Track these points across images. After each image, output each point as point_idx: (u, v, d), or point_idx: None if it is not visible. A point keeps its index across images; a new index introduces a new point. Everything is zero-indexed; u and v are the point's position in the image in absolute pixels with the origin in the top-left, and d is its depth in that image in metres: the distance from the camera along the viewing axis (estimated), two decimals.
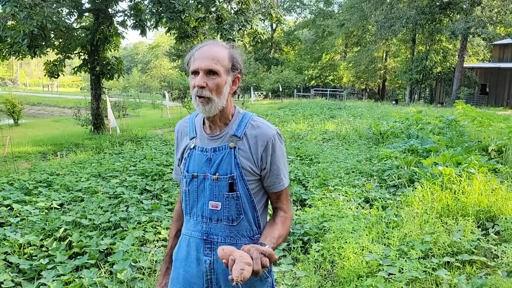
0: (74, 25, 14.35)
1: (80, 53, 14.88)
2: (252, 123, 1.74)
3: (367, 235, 4.30)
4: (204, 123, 1.77)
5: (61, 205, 5.77)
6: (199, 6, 13.23)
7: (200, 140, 1.75)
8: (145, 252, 4.08)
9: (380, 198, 5.80)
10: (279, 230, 1.70)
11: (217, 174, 1.68)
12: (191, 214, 1.76)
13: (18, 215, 5.12)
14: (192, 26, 13.92)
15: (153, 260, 3.87)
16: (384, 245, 4.20)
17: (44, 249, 4.14)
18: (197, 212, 1.73)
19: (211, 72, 1.61)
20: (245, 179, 1.69)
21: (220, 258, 1.42)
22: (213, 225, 1.70)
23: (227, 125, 1.73)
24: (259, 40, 15.50)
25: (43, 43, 11.80)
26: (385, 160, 8.12)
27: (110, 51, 15.28)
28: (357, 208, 5.38)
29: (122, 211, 5.35)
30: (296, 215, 5.13)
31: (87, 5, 13.96)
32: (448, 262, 3.88)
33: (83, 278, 3.53)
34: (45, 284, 3.50)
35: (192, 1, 12.69)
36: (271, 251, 1.46)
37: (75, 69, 15.29)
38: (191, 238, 1.75)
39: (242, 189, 1.69)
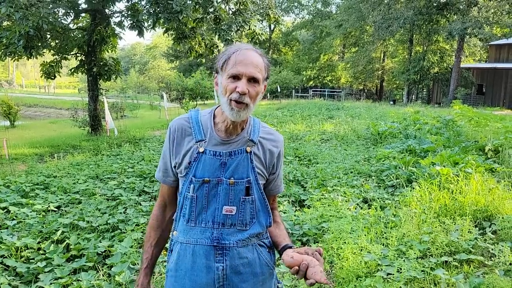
0: (71, 25, 14.32)
1: (77, 54, 14.85)
2: (264, 129, 1.78)
3: (365, 235, 4.30)
4: (215, 126, 1.72)
5: (58, 207, 5.75)
6: (197, 6, 13.23)
7: (211, 143, 1.69)
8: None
9: (378, 198, 5.81)
10: (286, 229, 1.86)
11: (232, 178, 1.66)
12: (197, 221, 1.69)
13: (15, 217, 5.10)
14: (189, 26, 13.90)
15: None
16: (383, 245, 4.21)
17: (41, 252, 4.12)
18: (206, 218, 1.68)
19: (253, 80, 1.60)
20: (259, 183, 1.72)
21: (288, 265, 1.51)
22: (226, 230, 1.68)
23: (243, 129, 1.72)
24: (257, 41, 15.49)
25: (39, 44, 11.77)
26: (383, 161, 8.13)
27: (107, 52, 15.26)
28: (355, 209, 5.38)
29: (120, 213, 5.34)
30: (294, 215, 5.14)
31: (84, 6, 13.93)
32: (446, 261, 3.89)
33: (81, 281, 3.52)
34: (42, 287, 3.48)
35: (190, 2, 12.68)
36: (318, 249, 1.58)
37: (72, 70, 15.26)
38: (197, 246, 1.68)
39: (257, 193, 1.72)
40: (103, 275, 3.68)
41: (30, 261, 3.94)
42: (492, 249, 4.10)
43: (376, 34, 35.09)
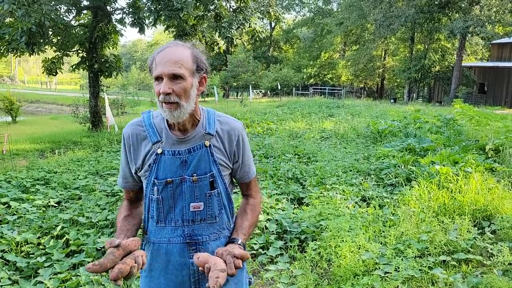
0: (73, 22, 14.34)
1: (79, 51, 14.88)
2: (219, 119, 1.75)
3: (363, 233, 4.31)
4: (170, 126, 1.69)
5: (58, 203, 5.77)
6: (198, 4, 13.24)
7: (169, 143, 1.67)
8: (142, 250, 4.08)
9: (377, 197, 5.81)
10: (249, 220, 1.77)
11: (195, 175, 1.65)
12: (166, 221, 1.68)
13: (15, 213, 5.13)
14: (190, 24, 13.92)
15: None
16: (381, 243, 4.22)
17: (41, 247, 4.14)
18: (175, 217, 1.68)
19: (175, 77, 1.55)
20: (222, 174, 1.72)
21: (197, 265, 1.48)
22: (196, 226, 1.68)
23: (196, 125, 1.70)
24: (257, 39, 15.53)
25: (41, 41, 11.78)
26: (382, 159, 8.13)
27: (109, 48, 15.29)
28: (354, 207, 5.39)
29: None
30: (293, 213, 5.15)
31: (86, 3, 13.96)
32: (444, 260, 3.89)
33: (80, 276, 3.54)
34: (42, 282, 3.50)
35: None
36: (243, 253, 1.51)
37: (74, 66, 15.29)
38: (169, 245, 1.68)
39: (221, 185, 1.72)
40: None
41: (30, 256, 3.97)
42: (491, 249, 4.10)
43: (377, 32, 35.04)
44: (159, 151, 1.65)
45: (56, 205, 5.64)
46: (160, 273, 1.71)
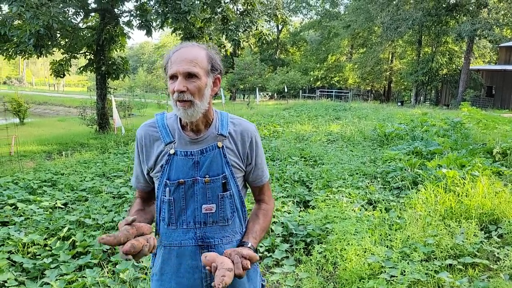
0: (80, 25, 14.43)
1: (86, 53, 14.98)
2: (232, 120, 1.75)
3: (369, 237, 4.30)
4: (183, 127, 1.69)
5: (65, 204, 5.80)
6: (205, 7, 13.28)
7: (181, 144, 1.67)
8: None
9: (383, 200, 5.79)
10: (260, 224, 1.75)
11: (207, 176, 1.65)
12: (177, 223, 1.67)
13: (22, 214, 5.16)
14: (197, 26, 13.96)
15: None
16: (387, 247, 4.20)
17: (47, 248, 4.16)
18: (187, 219, 1.67)
19: (190, 75, 1.56)
20: (235, 176, 1.71)
21: (204, 265, 1.47)
22: (208, 228, 1.67)
23: (209, 125, 1.70)
24: (264, 41, 15.53)
25: (49, 43, 11.87)
26: (389, 162, 8.11)
27: (116, 51, 15.36)
28: (360, 210, 5.38)
29: (126, 211, 5.37)
30: (299, 216, 5.14)
31: (93, 5, 14.04)
32: (451, 264, 3.87)
33: (86, 277, 3.55)
34: (48, 283, 3.52)
35: (198, 2, 12.73)
36: (251, 254, 1.51)
37: (81, 68, 15.38)
38: (181, 248, 1.67)
39: (234, 187, 1.71)
40: (107, 272, 3.71)
41: (37, 257, 3.99)
42: (497, 253, 4.07)
43: (384, 35, 34.96)
44: (172, 151, 1.65)
45: (62, 206, 5.67)
46: (172, 276, 1.70)
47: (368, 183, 6.78)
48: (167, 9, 12.27)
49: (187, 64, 1.56)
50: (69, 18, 12.75)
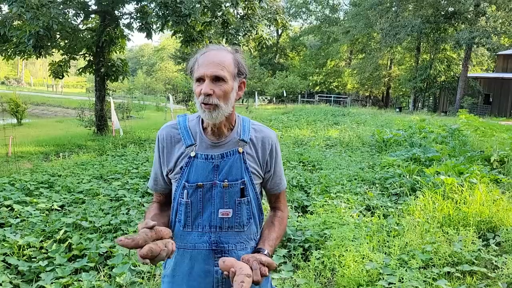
0: (80, 26, 14.42)
1: (85, 54, 14.96)
2: (253, 126, 1.75)
3: (368, 243, 4.28)
4: (205, 130, 1.69)
5: (62, 206, 5.77)
6: (205, 10, 13.28)
7: (202, 147, 1.67)
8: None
9: (381, 206, 5.78)
10: (276, 232, 1.74)
11: (226, 180, 1.64)
12: (193, 226, 1.67)
13: (18, 216, 5.12)
14: (198, 30, 13.96)
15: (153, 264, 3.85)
16: (385, 253, 4.19)
17: (43, 251, 4.13)
18: (202, 222, 1.66)
19: (217, 79, 1.56)
20: (253, 183, 1.70)
21: (221, 270, 1.46)
22: (223, 233, 1.67)
23: (231, 130, 1.70)
24: (264, 45, 15.54)
25: (49, 44, 11.86)
26: (387, 168, 8.10)
27: (116, 52, 15.36)
28: (358, 216, 5.36)
29: (123, 214, 5.35)
30: (297, 221, 5.12)
31: (94, 7, 14.04)
32: (449, 272, 3.86)
33: (82, 281, 3.52)
34: (43, 287, 3.49)
35: (198, 5, 12.73)
36: (270, 261, 1.49)
37: (80, 70, 15.36)
38: (194, 251, 1.67)
39: (252, 193, 1.70)
40: (104, 276, 3.68)
41: (32, 259, 3.95)
42: (495, 261, 4.07)
43: (383, 41, 35.08)
44: (192, 154, 1.65)
45: (59, 208, 5.64)
46: (183, 278, 1.70)
47: (367, 189, 6.77)
48: (167, 12, 12.26)
49: (214, 67, 1.56)
50: (69, 20, 12.73)
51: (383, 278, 3.66)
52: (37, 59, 12.73)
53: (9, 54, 12.55)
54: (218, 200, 1.65)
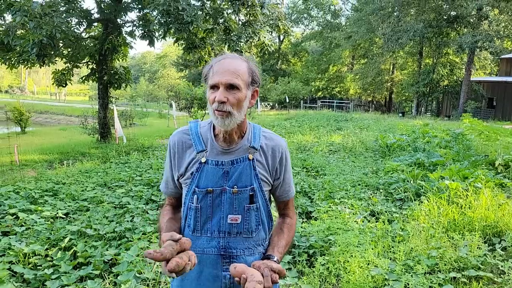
0: (83, 34, 14.49)
1: (88, 63, 15.02)
2: (264, 134, 1.77)
3: (372, 249, 4.27)
4: (216, 136, 1.72)
5: (66, 214, 5.79)
6: (207, 17, 13.33)
7: (213, 153, 1.69)
8: (149, 263, 4.07)
9: (386, 212, 5.77)
10: (285, 239, 1.77)
11: (235, 187, 1.67)
12: (202, 231, 1.70)
13: (23, 224, 5.14)
14: (200, 37, 14.00)
15: (158, 271, 3.86)
16: (390, 259, 4.17)
17: (48, 258, 4.14)
18: (211, 228, 1.69)
19: (231, 87, 1.58)
20: (262, 189, 1.72)
21: (232, 276, 1.48)
22: (232, 238, 1.69)
23: (242, 137, 1.72)
24: (266, 52, 15.55)
25: (52, 52, 11.90)
26: (391, 173, 8.09)
27: (118, 60, 15.41)
28: (363, 222, 5.35)
29: (128, 221, 5.35)
30: (301, 227, 5.11)
31: (96, 15, 14.11)
32: (455, 277, 3.84)
33: None
34: None
35: (201, 13, 12.77)
36: (280, 268, 1.51)
37: (83, 78, 15.41)
38: (203, 256, 1.69)
39: (261, 200, 1.72)
40: (109, 284, 3.68)
41: (38, 267, 3.96)
42: (501, 266, 4.05)
43: (385, 46, 35.10)
44: (203, 160, 1.68)
45: (64, 216, 5.65)
46: (192, 283, 1.72)
47: (371, 194, 6.76)
48: (170, 19, 12.31)
49: (229, 76, 1.58)
50: (72, 28, 12.79)
51: (389, 284, 3.65)
52: (40, 67, 12.77)
53: (12, 63, 12.60)
54: (227, 205, 1.67)
